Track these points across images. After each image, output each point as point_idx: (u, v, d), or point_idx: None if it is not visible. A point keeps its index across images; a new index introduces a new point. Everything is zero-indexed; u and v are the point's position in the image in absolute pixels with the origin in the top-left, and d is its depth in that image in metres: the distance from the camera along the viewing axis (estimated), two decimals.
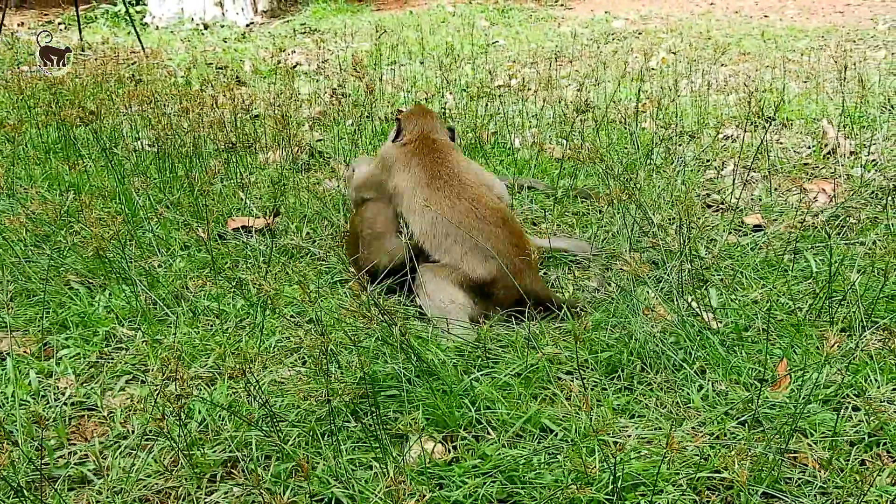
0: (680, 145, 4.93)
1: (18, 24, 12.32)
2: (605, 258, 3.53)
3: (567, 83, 6.90)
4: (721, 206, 4.15)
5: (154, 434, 2.38)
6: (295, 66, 8.09)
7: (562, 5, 13.46)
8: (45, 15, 13.73)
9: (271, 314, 3.02)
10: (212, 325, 3.02)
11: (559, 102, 5.65)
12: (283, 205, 4.05)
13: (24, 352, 2.86)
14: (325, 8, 14.02)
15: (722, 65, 7.49)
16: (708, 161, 4.76)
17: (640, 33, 9.87)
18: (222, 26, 12.54)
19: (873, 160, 4.50)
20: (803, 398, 2.40)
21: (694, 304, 2.95)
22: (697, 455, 2.25)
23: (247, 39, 11.31)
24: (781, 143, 5.05)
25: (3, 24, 9.74)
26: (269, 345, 2.86)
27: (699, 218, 3.79)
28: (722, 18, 10.74)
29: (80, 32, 10.31)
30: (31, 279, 3.32)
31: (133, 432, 2.42)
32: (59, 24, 12.18)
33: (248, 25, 12.82)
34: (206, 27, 12.52)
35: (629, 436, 2.37)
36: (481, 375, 2.62)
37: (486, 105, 5.51)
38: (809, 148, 4.92)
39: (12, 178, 4.26)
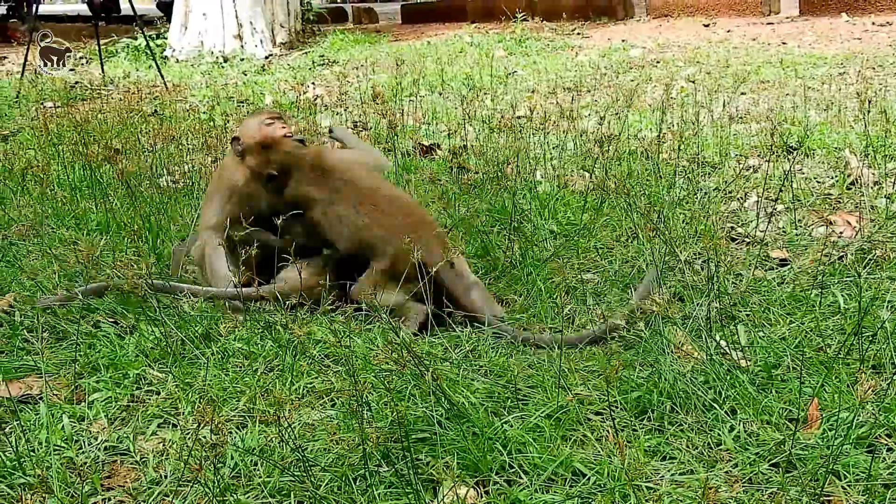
0: (702, 176, 4.93)
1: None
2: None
3: (587, 114, 6.93)
4: (746, 239, 4.14)
5: (187, 480, 2.39)
6: (316, 100, 8.16)
7: (578, 34, 13.53)
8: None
9: (301, 356, 3.03)
10: (241, 367, 3.03)
11: (580, 135, 5.67)
12: None
13: (56, 395, 2.88)
14: (343, 39, 14.18)
15: (742, 93, 7.49)
16: (730, 192, 4.75)
17: (657, 62, 9.90)
18: (241, 59, 12.68)
19: None
20: (837, 440, 2.39)
21: (723, 343, 2.95)
22: (732, 500, 2.23)
23: (266, 72, 11.43)
24: (803, 173, 5.04)
25: (26, 58, 9.88)
26: (299, 387, 2.87)
27: (725, 253, 3.78)
28: (739, 46, 10.74)
29: (102, 67, 10.46)
30: (62, 321, 3.35)
31: (166, 477, 2.43)
32: (81, 58, 12.33)
33: (266, 58, 12.96)
34: (225, 60, 12.67)
35: (662, 478, 2.36)
36: (512, 418, 2.62)
37: (508, 138, 5.54)
38: (832, 178, 4.91)
39: (41, 219, 4.31)
